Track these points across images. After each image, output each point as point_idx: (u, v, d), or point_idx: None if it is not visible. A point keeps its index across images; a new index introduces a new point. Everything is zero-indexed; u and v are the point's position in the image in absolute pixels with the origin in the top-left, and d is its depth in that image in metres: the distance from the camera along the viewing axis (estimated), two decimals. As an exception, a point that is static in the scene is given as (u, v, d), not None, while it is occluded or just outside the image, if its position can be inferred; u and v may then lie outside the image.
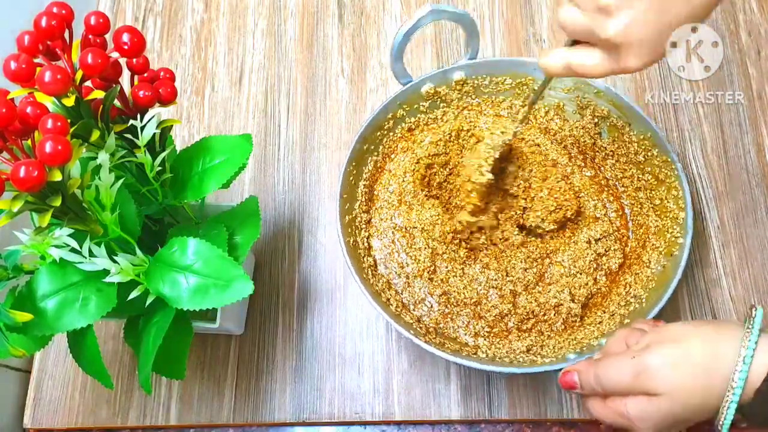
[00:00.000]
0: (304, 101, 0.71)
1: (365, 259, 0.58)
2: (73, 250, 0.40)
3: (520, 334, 0.57)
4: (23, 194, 0.36)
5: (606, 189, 0.63)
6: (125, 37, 0.40)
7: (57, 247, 0.40)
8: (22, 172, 0.34)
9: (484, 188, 0.57)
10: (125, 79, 0.43)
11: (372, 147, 0.61)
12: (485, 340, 0.56)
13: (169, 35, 0.75)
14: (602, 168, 0.63)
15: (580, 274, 0.58)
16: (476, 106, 0.64)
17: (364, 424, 0.58)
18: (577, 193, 0.61)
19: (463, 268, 0.59)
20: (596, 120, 0.62)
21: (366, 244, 0.59)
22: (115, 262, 0.41)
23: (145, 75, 0.45)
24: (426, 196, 0.61)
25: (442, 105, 0.63)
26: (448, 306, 0.58)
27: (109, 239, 0.42)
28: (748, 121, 0.68)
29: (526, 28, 0.74)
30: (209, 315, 0.53)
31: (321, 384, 0.59)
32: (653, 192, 0.59)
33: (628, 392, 0.41)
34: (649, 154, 0.59)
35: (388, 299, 0.56)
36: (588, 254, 0.59)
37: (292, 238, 0.65)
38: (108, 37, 0.41)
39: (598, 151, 0.63)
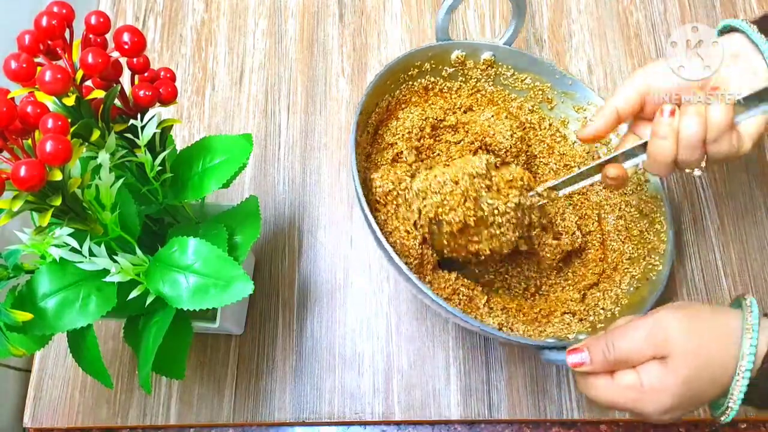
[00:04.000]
0: (305, 101, 0.71)
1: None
2: (73, 249, 0.40)
3: (490, 310, 0.56)
4: (23, 194, 0.36)
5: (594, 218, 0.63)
6: (126, 37, 0.40)
7: (57, 246, 0.40)
8: (22, 172, 0.34)
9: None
10: (126, 78, 0.43)
11: (392, 86, 0.60)
12: (458, 308, 0.56)
13: (169, 35, 0.75)
14: (590, 191, 0.63)
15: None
16: (489, 94, 0.64)
17: (364, 424, 0.58)
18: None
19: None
20: (597, 145, 0.62)
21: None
22: (115, 261, 0.41)
23: (146, 75, 0.45)
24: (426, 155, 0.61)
25: (461, 78, 0.63)
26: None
27: (109, 239, 0.42)
28: (749, 122, 0.68)
29: (527, 29, 0.74)
30: (209, 315, 0.53)
31: (321, 384, 0.59)
32: (633, 223, 0.60)
33: (641, 355, 0.40)
34: (639, 187, 0.59)
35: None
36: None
37: (292, 238, 0.65)
38: (108, 36, 0.41)
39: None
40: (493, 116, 0.62)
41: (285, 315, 0.62)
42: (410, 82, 0.62)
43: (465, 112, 0.64)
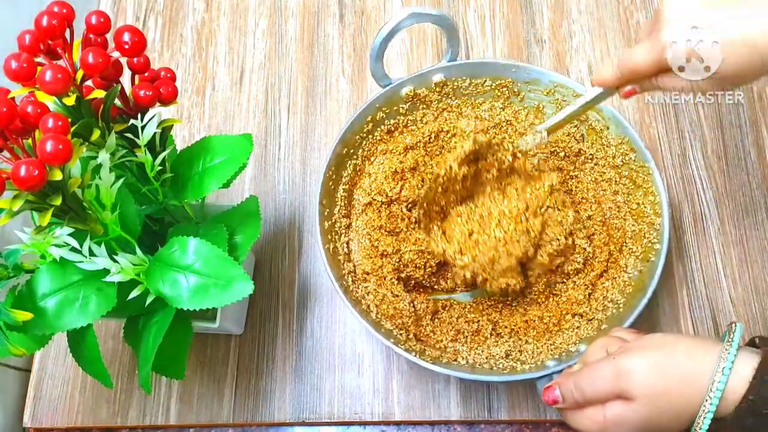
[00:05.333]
0: (305, 101, 0.71)
1: (345, 264, 0.57)
2: (73, 249, 0.40)
3: (497, 339, 0.57)
4: (24, 193, 0.36)
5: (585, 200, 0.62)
6: (126, 37, 0.40)
7: (57, 246, 0.40)
8: (22, 171, 0.34)
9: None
10: (126, 78, 0.43)
11: (351, 151, 0.60)
12: (463, 345, 0.57)
13: (169, 35, 0.75)
14: (582, 172, 0.63)
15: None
16: (455, 107, 0.64)
17: (364, 424, 0.58)
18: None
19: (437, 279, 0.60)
20: (576, 123, 0.62)
21: (346, 249, 0.59)
22: (115, 261, 0.41)
23: (146, 74, 0.45)
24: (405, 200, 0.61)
25: (421, 107, 0.63)
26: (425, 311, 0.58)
27: (109, 239, 0.42)
28: (749, 123, 0.68)
29: (527, 29, 0.74)
30: (209, 315, 0.53)
31: (321, 384, 0.59)
32: (630, 196, 0.59)
33: (606, 396, 0.41)
34: (627, 158, 0.59)
35: (368, 306, 0.56)
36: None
37: (292, 238, 0.65)
38: (109, 36, 0.41)
39: (578, 155, 0.63)
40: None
41: (285, 315, 0.62)
42: (369, 137, 0.62)
43: (437, 137, 0.63)
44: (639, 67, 0.44)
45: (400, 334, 0.55)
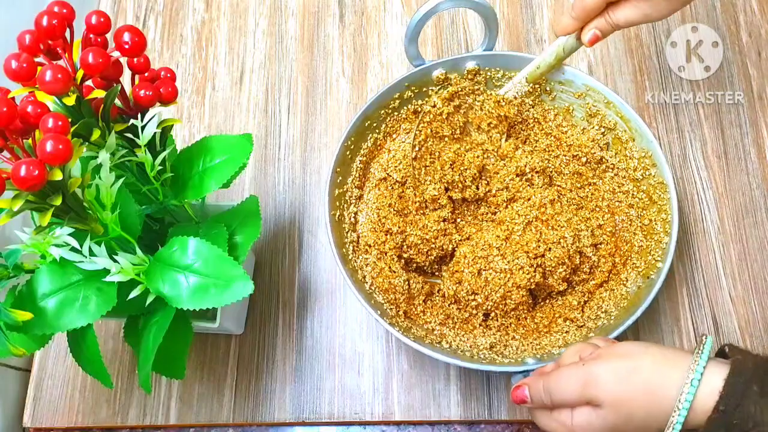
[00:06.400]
0: (305, 101, 0.71)
1: (349, 234, 0.58)
2: (73, 249, 0.40)
3: (485, 330, 0.57)
4: (24, 193, 0.36)
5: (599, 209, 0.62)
6: (126, 37, 0.40)
7: (57, 246, 0.40)
8: (22, 171, 0.34)
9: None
10: (126, 78, 0.43)
11: (374, 125, 0.61)
12: (451, 330, 0.57)
13: (169, 35, 0.75)
14: (601, 180, 0.62)
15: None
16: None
17: (364, 424, 0.59)
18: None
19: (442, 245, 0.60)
20: (603, 130, 0.61)
21: (353, 219, 0.60)
22: (115, 261, 0.41)
23: (146, 74, 0.45)
24: (423, 178, 0.61)
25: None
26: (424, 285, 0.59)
27: (109, 238, 0.42)
28: (749, 122, 0.68)
29: (527, 28, 0.74)
30: (209, 315, 0.53)
31: (321, 384, 0.59)
32: (644, 211, 0.59)
33: (574, 402, 0.42)
34: (647, 173, 0.58)
35: (364, 277, 0.56)
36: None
37: (292, 238, 0.65)
38: (109, 36, 0.41)
39: (600, 163, 0.62)
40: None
41: (285, 315, 0.62)
42: (394, 113, 0.62)
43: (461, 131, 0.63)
44: (589, 3, 0.50)
45: (390, 309, 0.55)
